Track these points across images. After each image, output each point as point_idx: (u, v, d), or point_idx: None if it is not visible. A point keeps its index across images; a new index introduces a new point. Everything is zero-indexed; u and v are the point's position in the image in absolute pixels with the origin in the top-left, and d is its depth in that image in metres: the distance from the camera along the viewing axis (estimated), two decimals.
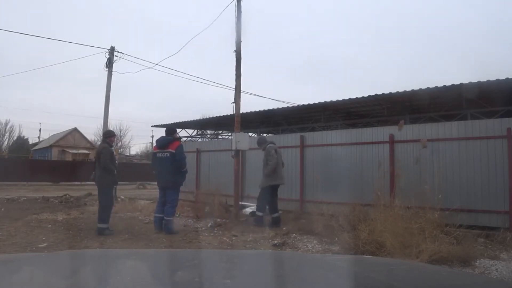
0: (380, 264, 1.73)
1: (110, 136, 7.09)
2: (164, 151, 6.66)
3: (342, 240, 5.58)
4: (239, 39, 8.82)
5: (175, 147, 6.63)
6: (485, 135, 6.82)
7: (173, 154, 6.58)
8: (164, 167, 6.60)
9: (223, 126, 17.14)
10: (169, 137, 6.83)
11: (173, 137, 6.92)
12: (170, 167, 6.56)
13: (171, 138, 6.80)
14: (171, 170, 6.57)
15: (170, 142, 6.69)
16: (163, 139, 6.81)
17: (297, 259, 1.78)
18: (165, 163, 6.59)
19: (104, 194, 6.62)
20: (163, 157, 6.66)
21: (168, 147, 6.64)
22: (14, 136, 47.55)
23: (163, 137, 6.89)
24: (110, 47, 12.88)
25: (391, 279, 1.25)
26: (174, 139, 6.84)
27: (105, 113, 13.14)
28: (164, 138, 6.84)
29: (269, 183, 7.51)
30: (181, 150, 6.76)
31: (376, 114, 12.12)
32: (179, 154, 6.64)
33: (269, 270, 1.35)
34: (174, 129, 7.22)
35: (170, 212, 6.68)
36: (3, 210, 9.30)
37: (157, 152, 6.82)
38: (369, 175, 8.02)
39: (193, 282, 1.10)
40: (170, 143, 6.68)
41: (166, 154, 6.62)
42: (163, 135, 6.99)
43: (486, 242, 5.86)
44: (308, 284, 1.13)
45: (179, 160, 6.63)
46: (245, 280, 1.16)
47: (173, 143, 6.69)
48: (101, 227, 6.45)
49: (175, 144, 6.71)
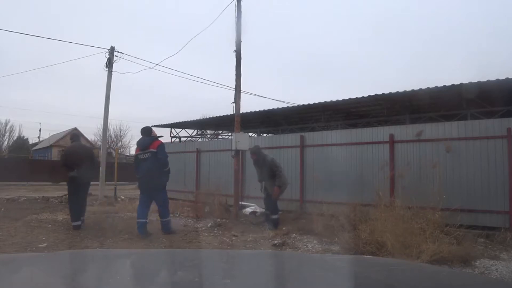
0: (380, 264, 1.73)
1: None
2: (145, 152, 6.49)
3: (342, 240, 5.58)
4: (239, 39, 8.83)
5: (156, 146, 6.47)
6: (485, 135, 6.83)
7: (154, 153, 6.41)
8: (147, 168, 6.39)
9: (223, 126, 17.16)
10: (149, 137, 6.63)
11: (153, 137, 6.69)
12: (153, 167, 6.38)
13: (151, 138, 6.61)
14: (155, 171, 6.40)
15: (151, 142, 6.52)
16: (144, 140, 6.62)
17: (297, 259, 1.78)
18: (148, 164, 6.40)
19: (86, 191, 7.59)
20: (145, 158, 6.48)
21: (149, 147, 6.47)
22: (14, 136, 47.53)
23: (143, 138, 6.68)
24: (110, 47, 12.87)
25: (391, 279, 1.25)
26: (154, 139, 6.63)
27: (105, 113, 13.13)
28: (145, 139, 6.63)
29: (282, 193, 7.65)
30: (163, 148, 6.61)
31: (376, 114, 12.13)
32: (161, 152, 6.49)
33: (269, 270, 1.35)
34: (150, 128, 6.92)
35: (166, 213, 6.59)
36: (3, 210, 9.29)
37: (139, 154, 6.65)
38: (369, 175, 8.03)
39: (193, 282, 1.10)
40: (151, 143, 6.51)
41: (148, 154, 6.45)
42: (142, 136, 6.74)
43: (486, 242, 5.86)
44: (308, 284, 1.13)
45: (161, 158, 6.47)
46: (245, 280, 1.16)
47: (154, 143, 6.52)
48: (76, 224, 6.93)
49: (156, 143, 6.54)
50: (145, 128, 6.81)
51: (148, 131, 6.77)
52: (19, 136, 47.75)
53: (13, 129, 46.77)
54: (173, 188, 13.38)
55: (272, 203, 7.62)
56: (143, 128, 6.82)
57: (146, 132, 6.72)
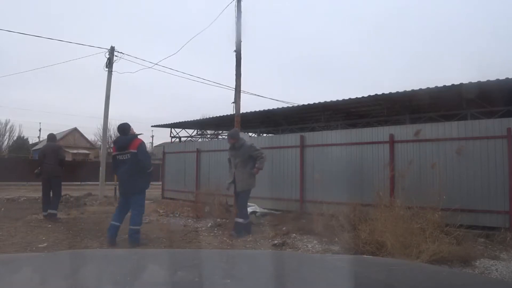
0: (380, 264, 1.73)
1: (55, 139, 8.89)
2: (124, 153, 5.88)
3: (342, 240, 5.58)
4: (239, 39, 8.83)
5: (136, 146, 5.84)
6: (485, 135, 6.82)
7: (135, 155, 5.79)
8: (127, 170, 5.80)
9: (223, 126, 17.15)
10: (128, 136, 6.05)
11: (131, 135, 6.10)
12: (133, 170, 5.78)
13: (130, 137, 6.00)
14: (135, 173, 5.79)
15: (129, 142, 5.89)
16: (122, 139, 6.04)
17: (297, 259, 1.78)
18: (128, 166, 5.79)
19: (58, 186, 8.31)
20: (124, 159, 5.87)
21: (128, 148, 5.84)
22: (14, 136, 47.54)
23: (121, 137, 6.11)
24: (110, 47, 12.88)
25: (391, 279, 1.25)
26: (133, 138, 6.01)
27: (105, 113, 13.15)
28: (122, 138, 6.06)
29: (254, 185, 6.92)
30: (144, 148, 6.09)
31: (376, 114, 12.12)
32: (142, 154, 5.89)
33: (269, 270, 1.35)
34: (128, 126, 6.18)
35: (137, 221, 5.83)
36: (3, 210, 9.30)
37: (116, 155, 6.01)
38: (369, 175, 8.03)
39: (193, 282, 1.10)
40: (130, 142, 5.88)
41: (127, 155, 5.83)
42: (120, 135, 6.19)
43: (486, 242, 5.86)
44: (308, 284, 1.13)
45: (142, 160, 5.87)
46: (245, 280, 1.16)
47: (133, 142, 5.87)
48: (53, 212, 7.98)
49: (136, 143, 5.88)
50: (122, 125, 6.16)
51: (126, 129, 6.14)
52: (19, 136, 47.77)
53: (13, 129, 46.81)
54: (173, 188, 13.44)
55: (241, 205, 6.98)
56: (120, 125, 6.19)
57: (123, 130, 6.12)
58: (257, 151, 6.94)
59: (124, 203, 6.00)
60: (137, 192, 5.89)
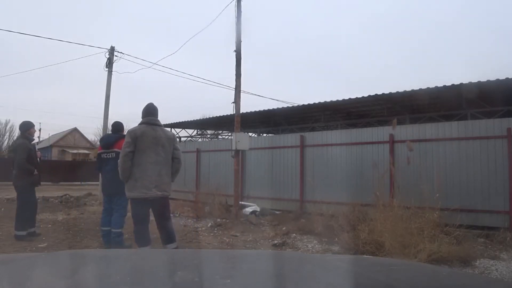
0: (380, 264, 1.73)
1: (28, 128, 6.16)
2: (109, 151, 5.68)
3: (342, 240, 5.59)
4: (239, 39, 8.83)
5: (121, 145, 5.43)
6: (485, 135, 6.83)
7: (119, 154, 5.40)
8: (111, 170, 5.48)
9: (223, 126, 17.15)
10: (115, 134, 5.83)
11: (118, 134, 5.86)
12: (117, 169, 5.27)
13: (117, 136, 5.77)
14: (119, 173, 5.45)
15: (115, 140, 5.68)
16: (108, 137, 5.84)
17: (297, 259, 1.78)
18: (112, 166, 5.46)
19: (21, 198, 6.01)
20: (108, 158, 5.67)
21: (113, 146, 5.64)
22: (14, 136, 47.45)
23: (108, 134, 5.89)
24: (110, 47, 12.87)
25: (391, 279, 1.25)
26: (120, 136, 5.72)
27: (105, 113, 13.14)
28: (109, 136, 5.86)
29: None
30: None
31: (376, 114, 12.13)
32: None
33: (269, 270, 1.35)
34: (121, 125, 6.01)
35: (119, 223, 5.54)
36: (3, 210, 9.30)
37: (101, 153, 5.78)
38: (369, 175, 8.02)
39: (193, 282, 1.10)
40: (116, 141, 5.66)
41: (112, 154, 5.62)
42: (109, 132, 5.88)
43: (486, 242, 5.86)
44: (308, 284, 1.13)
45: None
46: (245, 280, 1.16)
47: (119, 142, 5.54)
48: (18, 234, 5.80)
49: (121, 142, 5.44)
50: (116, 124, 5.96)
51: (119, 127, 5.96)
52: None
53: (13, 129, 46.75)
54: (173, 188, 13.40)
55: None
56: (114, 123, 6.00)
57: (115, 128, 5.95)
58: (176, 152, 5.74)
59: (109, 205, 5.77)
60: (121, 192, 5.38)
